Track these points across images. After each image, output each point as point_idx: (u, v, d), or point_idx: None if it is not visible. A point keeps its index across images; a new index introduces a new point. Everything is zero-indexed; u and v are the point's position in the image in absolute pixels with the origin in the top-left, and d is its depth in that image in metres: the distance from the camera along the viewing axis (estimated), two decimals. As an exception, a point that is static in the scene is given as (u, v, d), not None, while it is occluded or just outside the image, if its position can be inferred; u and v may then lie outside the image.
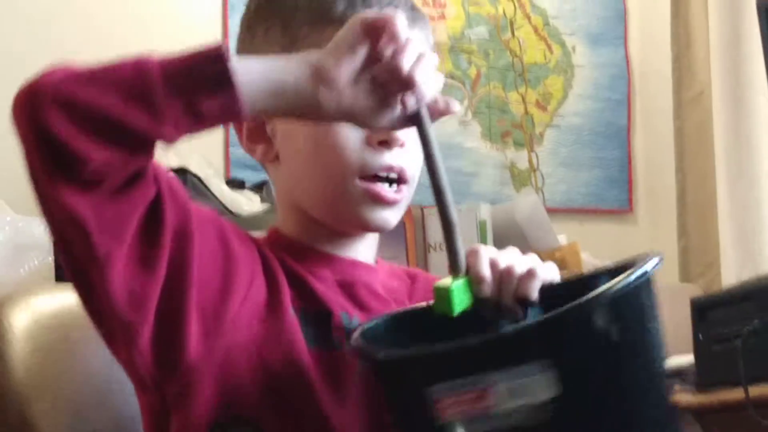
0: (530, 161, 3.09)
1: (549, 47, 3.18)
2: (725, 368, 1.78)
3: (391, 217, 1.28)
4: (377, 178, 1.25)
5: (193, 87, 1.09)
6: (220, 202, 2.46)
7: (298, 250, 1.30)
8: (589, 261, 2.54)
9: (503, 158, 3.10)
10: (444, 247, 1.93)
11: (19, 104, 1.07)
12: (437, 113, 1.12)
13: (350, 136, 1.26)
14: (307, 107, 1.10)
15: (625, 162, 3.21)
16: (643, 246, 3.01)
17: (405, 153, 1.25)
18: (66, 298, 1.62)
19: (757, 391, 1.66)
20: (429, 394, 1.01)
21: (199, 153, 2.55)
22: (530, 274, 1.09)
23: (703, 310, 1.91)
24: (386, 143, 1.25)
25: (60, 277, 2.19)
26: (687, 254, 2.99)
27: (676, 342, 2.17)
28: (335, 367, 1.21)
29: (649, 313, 1.07)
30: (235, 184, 2.53)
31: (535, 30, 3.17)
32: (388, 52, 1.08)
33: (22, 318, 1.53)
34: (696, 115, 2.96)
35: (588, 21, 3.23)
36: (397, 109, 1.10)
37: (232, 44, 1.89)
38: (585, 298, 1.01)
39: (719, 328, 1.85)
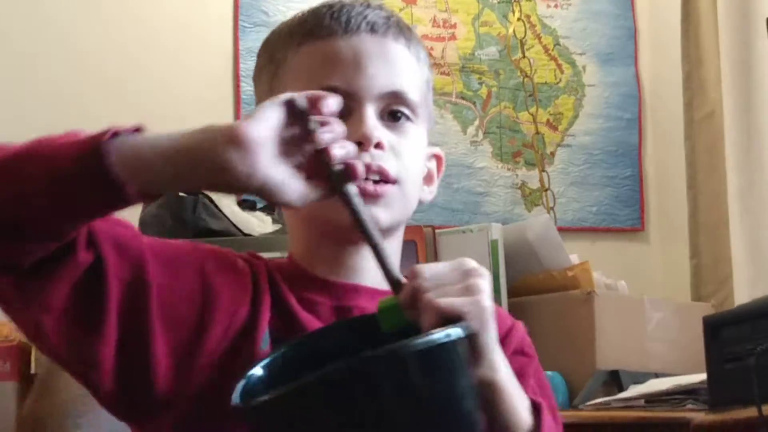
0: (541, 181, 3.06)
1: (559, 67, 3.15)
2: (738, 387, 1.72)
3: (378, 213, 1.24)
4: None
5: (73, 184, 1.07)
6: (232, 223, 2.43)
7: (297, 276, 1.27)
8: (601, 280, 2.49)
9: (514, 178, 3.07)
10: None
11: None
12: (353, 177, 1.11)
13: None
14: (220, 173, 1.06)
15: (636, 181, 3.18)
16: (655, 264, 3.15)
17: (385, 154, 1.24)
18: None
19: None
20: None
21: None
22: (441, 309, 1.07)
23: (716, 329, 1.88)
24: (361, 145, 1.22)
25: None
26: (699, 272, 2.94)
27: (689, 360, 2.26)
28: None
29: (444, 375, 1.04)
30: (247, 205, 2.47)
31: (546, 50, 3.15)
32: (311, 126, 1.07)
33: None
34: (707, 134, 2.92)
35: (598, 40, 3.20)
36: (313, 186, 1.08)
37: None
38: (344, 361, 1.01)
39: (732, 346, 1.82)
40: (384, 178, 1.23)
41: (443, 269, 1.09)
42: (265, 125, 1.04)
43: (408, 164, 1.26)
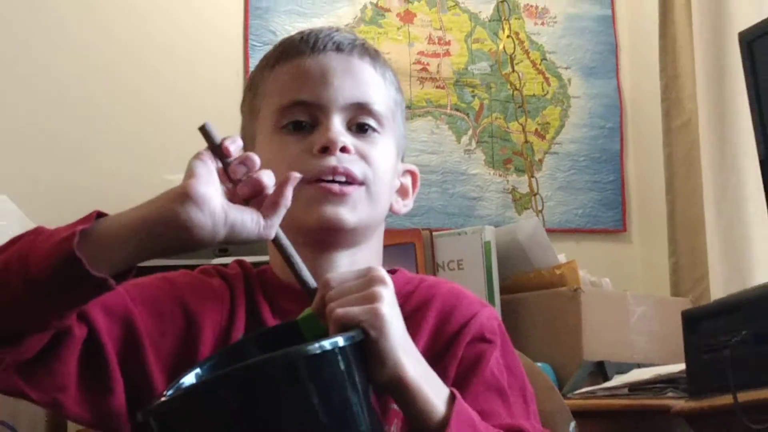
0: (530, 186, 3.06)
1: (546, 80, 3.15)
2: (715, 376, 1.76)
3: (343, 212, 1.28)
4: (323, 181, 1.26)
5: (51, 281, 1.08)
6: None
7: (272, 285, 1.32)
8: (587, 277, 2.51)
9: (505, 183, 3.07)
10: (451, 266, 2.30)
11: None
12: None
13: (291, 149, 1.29)
14: (186, 232, 1.08)
15: (618, 185, 3.17)
16: (636, 263, 3.17)
17: (352, 157, 1.27)
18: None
19: (745, 396, 1.64)
20: None
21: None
22: (340, 316, 1.09)
23: (694, 322, 1.91)
24: (327, 149, 1.27)
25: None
26: (677, 270, 2.96)
27: (669, 352, 2.29)
28: None
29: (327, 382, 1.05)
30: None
31: (534, 64, 3.15)
32: (235, 167, 1.09)
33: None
34: (684, 141, 2.94)
35: (582, 55, 3.19)
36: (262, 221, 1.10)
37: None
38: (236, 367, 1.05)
39: (709, 338, 1.82)
40: (350, 180, 1.26)
41: (349, 277, 1.12)
42: (207, 178, 1.07)
43: (376, 169, 1.30)
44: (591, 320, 2.36)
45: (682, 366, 1.98)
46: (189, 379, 1.16)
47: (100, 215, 1.10)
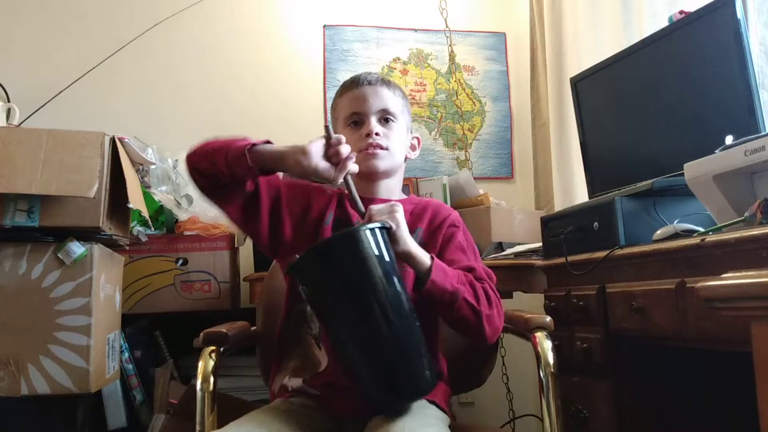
0: (466, 156, 3.08)
1: (474, 102, 3.14)
2: (556, 248, 1.83)
3: (376, 163, 1.34)
4: (366, 150, 1.33)
5: (235, 166, 1.20)
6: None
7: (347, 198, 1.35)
8: (493, 201, 2.54)
9: (453, 155, 3.08)
10: (426, 197, 2.24)
11: (186, 165, 1.28)
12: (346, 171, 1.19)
13: (353, 136, 1.32)
14: (291, 164, 1.18)
15: (509, 155, 3.13)
16: (518, 193, 3.07)
17: (380, 138, 1.33)
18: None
19: (571, 258, 1.71)
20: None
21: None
22: (374, 219, 1.16)
23: (546, 222, 1.95)
24: (368, 135, 1.33)
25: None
26: (539, 196, 2.93)
27: (534, 237, 2.33)
28: None
29: (357, 261, 1.09)
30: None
31: (468, 95, 3.13)
32: (333, 144, 1.19)
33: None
34: (542, 133, 2.93)
35: (492, 89, 3.16)
36: (335, 172, 1.18)
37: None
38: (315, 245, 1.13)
39: (553, 230, 1.88)
40: (379, 147, 1.33)
41: (382, 206, 1.18)
42: (317, 145, 1.18)
43: (393, 141, 1.35)
44: (495, 222, 2.40)
45: (540, 244, 2.08)
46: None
47: (267, 142, 1.22)
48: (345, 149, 1.16)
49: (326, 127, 1.17)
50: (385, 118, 1.36)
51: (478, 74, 3.16)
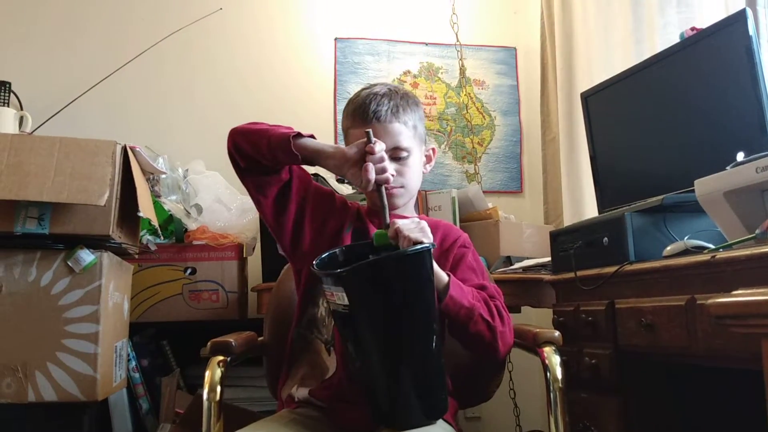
0: (475, 169, 3.09)
1: (483, 116, 3.15)
2: (565, 263, 1.81)
3: (395, 201, 1.36)
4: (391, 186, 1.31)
5: (278, 151, 1.22)
6: (333, 189, 2.04)
7: (367, 211, 1.41)
8: (502, 215, 2.52)
9: (462, 169, 3.10)
10: (435, 209, 2.30)
11: (228, 141, 1.28)
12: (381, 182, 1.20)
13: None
14: (333, 167, 1.22)
15: (518, 170, 3.15)
16: (527, 208, 3.08)
17: (394, 177, 1.31)
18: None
19: (580, 273, 1.70)
20: (323, 288, 1.17)
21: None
22: (410, 238, 1.14)
23: (555, 236, 1.93)
24: (392, 176, 1.29)
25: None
26: (548, 211, 2.92)
27: (543, 252, 2.29)
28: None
29: (408, 280, 1.08)
30: (341, 180, 2.47)
31: (477, 109, 3.14)
32: (372, 153, 1.19)
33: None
34: (552, 147, 2.93)
35: (502, 103, 3.17)
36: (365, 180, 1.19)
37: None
38: (359, 263, 1.09)
39: (562, 245, 1.86)
40: (394, 187, 1.34)
41: (408, 222, 1.18)
42: (355, 151, 1.20)
43: (408, 178, 1.36)
44: (504, 236, 2.40)
45: (548, 258, 2.05)
46: (329, 256, 1.21)
47: (311, 136, 1.25)
48: (372, 170, 1.17)
49: (367, 132, 1.18)
50: (398, 156, 1.35)
51: (488, 88, 3.17)
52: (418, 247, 1.08)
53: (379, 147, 1.18)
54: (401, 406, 1.11)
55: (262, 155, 1.22)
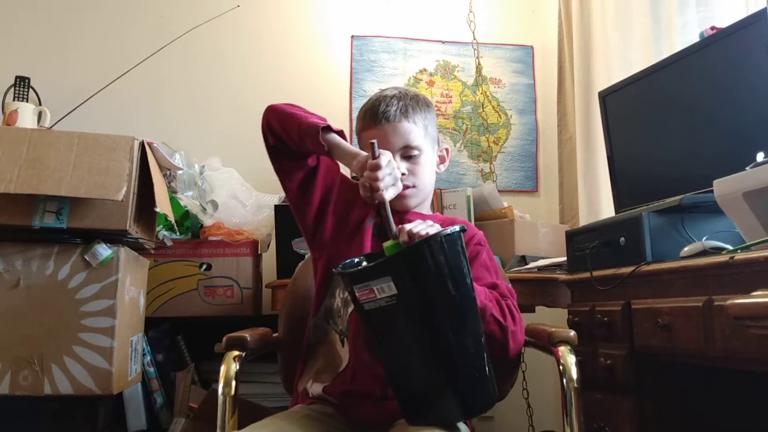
0: (491, 168, 3.10)
1: (499, 115, 3.14)
2: (581, 263, 1.80)
3: (407, 202, 1.37)
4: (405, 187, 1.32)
5: (306, 138, 1.24)
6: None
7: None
8: (517, 214, 2.52)
9: (478, 167, 3.09)
10: (450, 208, 2.28)
11: (262, 117, 1.30)
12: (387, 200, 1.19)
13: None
14: (353, 161, 1.23)
15: (534, 169, 3.15)
16: (542, 207, 3.10)
17: (407, 176, 1.35)
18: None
19: (596, 273, 1.68)
20: (355, 290, 1.11)
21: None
22: (421, 236, 1.12)
23: (571, 236, 1.91)
24: (404, 175, 1.35)
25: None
26: (563, 210, 2.92)
27: (558, 251, 2.29)
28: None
29: (451, 259, 1.06)
30: (356, 179, 1.85)
31: (494, 107, 3.14)
32: (377, 168, 1.18)
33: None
34: (568, 146, 2.92)
35: (518, 102, 3.17)
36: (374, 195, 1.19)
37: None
38: (393, 254, 1.09)
39: (578, 245, 1.85)
40: (406, 187, 1.34)
41: (416, 222, 1.16)
42: (384, 161, 1.18)
43: (420, 177, 1.37)
44: (519, 235, 2.39)
45: (564, 258, 2.04)
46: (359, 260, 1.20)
47: (341, 132, 1.26)
48: (378, 180, 1.17)
49: (372, 144, 1.18)
50: (409, 155, 1.36)
51: (505, 87, 3.17)
52: (456, 227, 1.07)
53: (385, 160, 1.17)
54: (442, 404, 1.10)
55: (290, 138, 1.24)
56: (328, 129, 1.23)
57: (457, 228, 1.05)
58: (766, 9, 1.49)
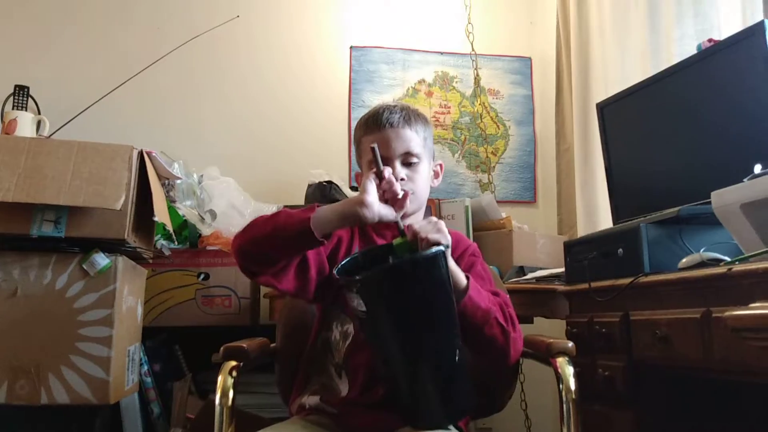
0: (489, 179, 3.11)
1: (498, 126, 3.16)
2: (579, 274, 1.80)
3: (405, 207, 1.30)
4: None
5: (295, 245, 1.19)
6: (346, 197, 2.40)
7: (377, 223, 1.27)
8: (516, 224, 2.53)
9: (476, 178, 3.10)
10: (449, 218, 2.29)
11: (236, 258, 1.23)
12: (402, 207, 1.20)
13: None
14: (356, 219, 1.18)
15: (532, 179, 3.16)
16: (540, 218, 3.10)
17: (404, 182, 1.35)
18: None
19: (594, 284, 1.68)
20: (346, 294, 1.14)
21: (337, 174, 2.66)
22: (428, 239, 1.13)
23: (569, 247, 1.92)
24: (402, 180, 1.35)
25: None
26: (561, 221, 2.93)
27: (556, 262, 2.34)
28: None
29: (428, 280, 1.07)
30: (354, 188, 2.49)
31: (492, 118, 3.16)
32: (385, 186, 1.19)
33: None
34: (566, 157, 2.93)
35: (516, 113, 3.19)
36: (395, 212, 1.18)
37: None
38: (373, 270, 1.09)
39: (576, 256, 1.85)
40: (405, 192, 1.28)
41: (425, 223, 1.17)
42: (373, 193, 1.17)
43: (418, 183, 1.37)
44: (517, 246, 2.39)
45: (562, 269, 2.03)
46: (348, 262, 1.21)
47: (313, 208, 1.20)
48: (398, 188, 1.18)
49: (372, 148, 1.18)
50: (408, 161, 1.37)
51: (503, 98, 3.18)
52: (433, 250, 1.08)
53: (388, 172, 1.19)
54: (424, 405, 1.11)
55: (278, 259, 1.21)
56: (307, 221, 1.17)
57: (433, 251, 1.06)
58: (763, 21, 1.51)
